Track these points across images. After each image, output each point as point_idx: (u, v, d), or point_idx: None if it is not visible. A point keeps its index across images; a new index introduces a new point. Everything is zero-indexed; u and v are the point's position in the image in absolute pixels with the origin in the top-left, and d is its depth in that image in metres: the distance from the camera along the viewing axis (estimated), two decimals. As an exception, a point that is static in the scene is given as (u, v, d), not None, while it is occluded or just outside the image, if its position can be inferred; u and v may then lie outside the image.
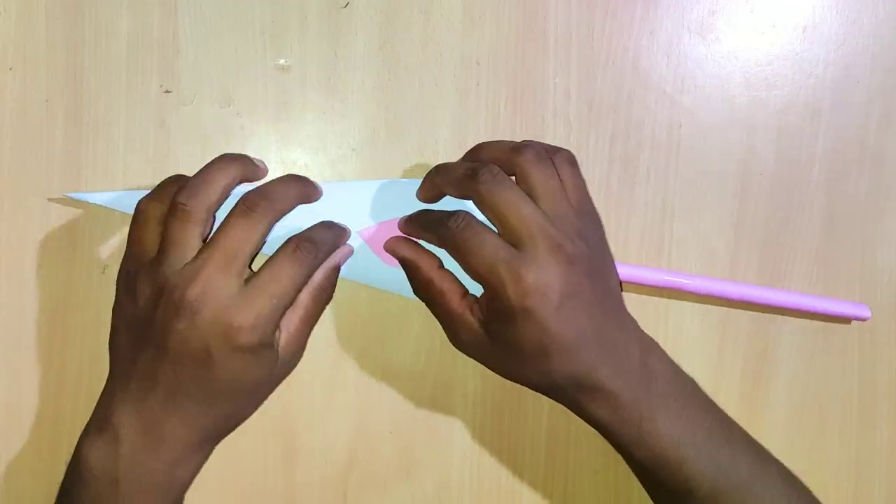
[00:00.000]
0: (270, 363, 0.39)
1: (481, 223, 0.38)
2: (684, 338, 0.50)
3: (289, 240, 0.38)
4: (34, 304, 0.47)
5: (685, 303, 0.50)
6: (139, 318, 0.38)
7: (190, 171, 0.46)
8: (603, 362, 0.38)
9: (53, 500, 0.40)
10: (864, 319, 0.50)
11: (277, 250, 0.38)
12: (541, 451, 0.50)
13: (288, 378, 0.48)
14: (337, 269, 0.42)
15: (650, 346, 0.40)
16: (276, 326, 0.38)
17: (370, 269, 0.45)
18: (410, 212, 0.43)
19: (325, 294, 0.41)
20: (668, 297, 0.50)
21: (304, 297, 0.40)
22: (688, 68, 0.49)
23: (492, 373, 0.49)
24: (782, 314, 0.50)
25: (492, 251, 0.37)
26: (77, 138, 0.46)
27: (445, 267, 0.42)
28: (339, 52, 0.47)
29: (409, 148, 0.48)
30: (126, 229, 0.46)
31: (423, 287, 0.42)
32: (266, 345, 0.38)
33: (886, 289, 0.51)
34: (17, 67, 0.45)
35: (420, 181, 0.43)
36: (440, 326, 0.41)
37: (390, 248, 0.44)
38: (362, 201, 0.45)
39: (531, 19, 0.48)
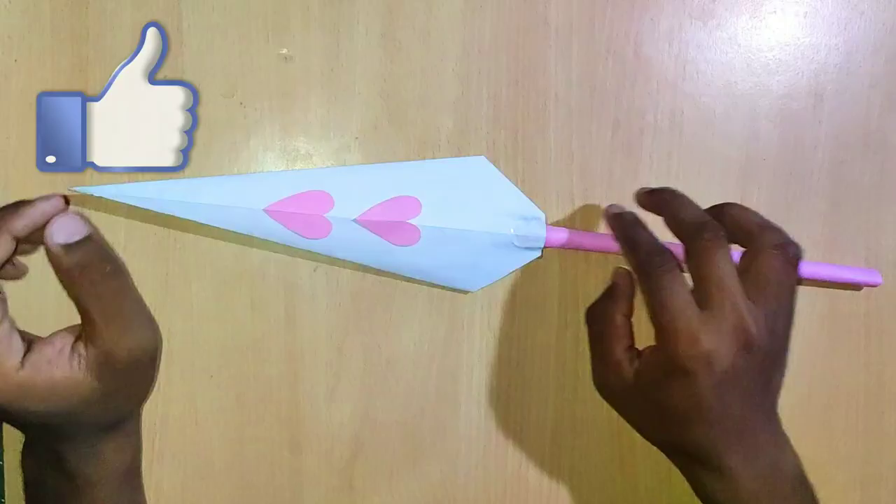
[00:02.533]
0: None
1: (682, 275, 0.38)
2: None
3: None
4: (44, 304, 0.47)
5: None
6: None
7: (193, 160, 0.47)
8: (737, 449, 0.38)
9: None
10: (875, 285, 0.50)
11: None
12: (546, 440, 0.50)
13: (292, 367, 0.49)
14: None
15: (785, 446, 0.40)
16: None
17: (374, 250, 0.45)
18: (399, 192, 0.45)
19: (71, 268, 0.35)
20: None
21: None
22: (689, 55, 0.49)
23: (496, 360, 0.49)
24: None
25: (681, 304, 0.37)
26: (82, 129, 0.47)
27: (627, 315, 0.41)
28: (341, 42, 0.47)
29: (411, 136, 0.48)
30: (132, 221, 0.47)
31: (600, 318, 0.41)
32: None
33: (891, 274, 0.51)
34: (22, 59, 0.46)
35: (402, 163, 0.46)
36: (444, 316, 0.41)
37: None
38: (355, 186, 0.45)
39: (531, 7, 0.48)
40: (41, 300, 0.46)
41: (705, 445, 0.38)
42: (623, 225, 0.42)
